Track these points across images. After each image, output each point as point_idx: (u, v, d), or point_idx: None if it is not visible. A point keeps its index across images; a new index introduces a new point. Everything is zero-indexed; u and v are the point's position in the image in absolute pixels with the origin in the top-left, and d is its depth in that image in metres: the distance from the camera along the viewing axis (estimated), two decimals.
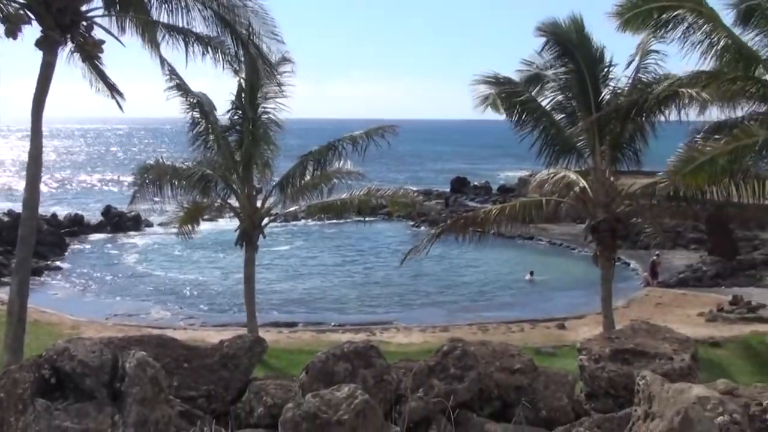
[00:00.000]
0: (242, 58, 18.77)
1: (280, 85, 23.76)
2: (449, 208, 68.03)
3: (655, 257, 40.01)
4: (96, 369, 4.59)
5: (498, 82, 22.98)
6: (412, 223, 61.63)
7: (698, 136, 21.72)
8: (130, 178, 32.62)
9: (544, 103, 23.24)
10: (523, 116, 22.84)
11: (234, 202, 25.40)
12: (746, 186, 20.26)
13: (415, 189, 79.33)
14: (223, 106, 24.60)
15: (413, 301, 38.69)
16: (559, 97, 23.17)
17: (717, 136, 20.22)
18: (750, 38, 22.08)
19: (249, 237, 24.71)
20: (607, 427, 4.98)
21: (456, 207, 66.43)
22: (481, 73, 23.16)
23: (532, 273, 42.09)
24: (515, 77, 23.51)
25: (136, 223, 60.50)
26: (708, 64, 21.84)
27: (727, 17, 22.29)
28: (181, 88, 23.62)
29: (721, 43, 21.29)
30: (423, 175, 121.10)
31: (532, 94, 23.23)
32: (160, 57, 18.96)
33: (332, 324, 31.70)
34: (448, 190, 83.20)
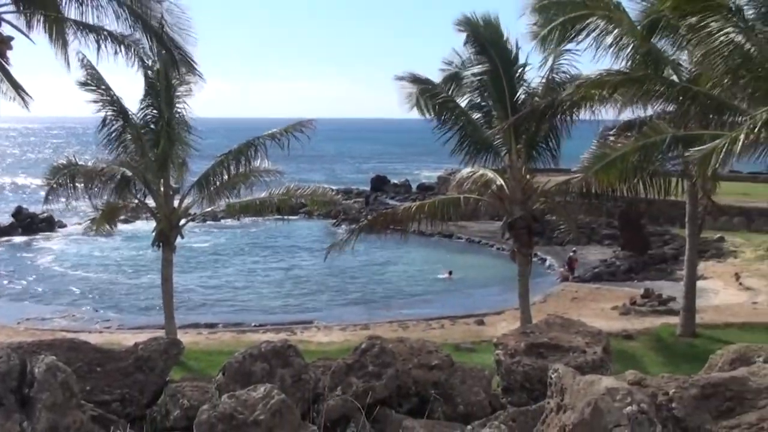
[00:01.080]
0: (156, 56, 18.46)
1: (190, 83, 23.51)
2: (370, 206, 68.17)
3: (572, 253, 40.89)
4: (3, 375, 4.46)
5: (417, 81, 23.16)
6: (332, 221, 61.64)
7: (610, 134, 22.30)
8: (38, 181, 31.76)
9: (462, 103, 23.52)
10: (442, 115, 23.07)
11: (151, 202, 24.95)
12: (655, 183, 20.89)
13: (335, 187, 79.50)
14: (135, 105, 24.14)
15: (334, 299, 38.70)
16: (476, 97, 23.48)
17: (628, 134, 20.84)
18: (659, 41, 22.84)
19: (166, 237, 24.32)
20: (522, 420, 5.07)
21: (376, 205, 66.58)
22: (402, 73, 23.39)
23: (450, 273, 42.41)
24: (436, 77, 23.78)
25: (50, 225, 58.87)
26: (620, 65, 22.52)
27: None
28: (96, 85, 23.10)
29: (631, 46, 21.97)
30: (344, 173, 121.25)
31: (451, 93, 23.48)
32: (66, 56, 18.50)
33: (253, 324, 31.43)
34: (368, 188, 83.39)
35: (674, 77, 22.85)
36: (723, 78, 19.39)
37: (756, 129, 15.84)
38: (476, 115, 23.63)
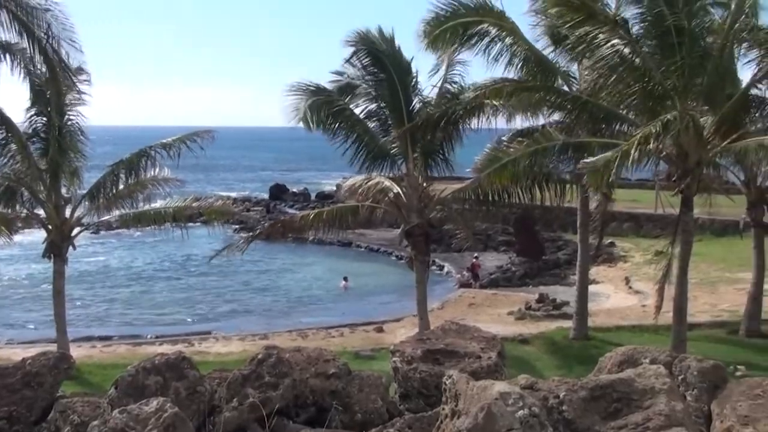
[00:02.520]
0: (40, 64, 17.86)
1: (80, 92, 22.91)
2: (269, 214, 67.75)
3: (474, 259, 41.47)
4: None
5: (313, 90, 23.09)
6: (232, 229, 60.85)
7: (503, 138, 22.82)
8: None
9: (357, 112, 23.62)
10: (338, 124, 23.10)
11: (41, 212, 24.12)
12: (549, 189, 21.47)
13: (234, 196, 78.73)
14: (20, 115, 23.31)
15: (233, 309, 38.17)
16: (372, 106, 23.62)
17: (521, 139, 21.39)
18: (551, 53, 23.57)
19: (57, 249, 23.54)
20: (418, 426, 5.11)
21: (276, 214, 66.25)
22: (296, 82, 23.09)
23: (346, 279, 42.42)
24: (330, 86, 23.76)
25: None
26: (512, 74, 23.14)
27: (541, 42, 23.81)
28: None
29: (522, 55, 22.60)
30: (242, 182, 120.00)
31: (346, 102, 23.53)
32: None
33: (149, 336, 30.72)
34: (267, 197, 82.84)
35: (565, 87, 23.58)
36: (611, 88, 20.11)
37: (645, 142, 16.49)
38: (373, 124, 23.77)
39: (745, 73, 21.03)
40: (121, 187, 24.33)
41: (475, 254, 42.45)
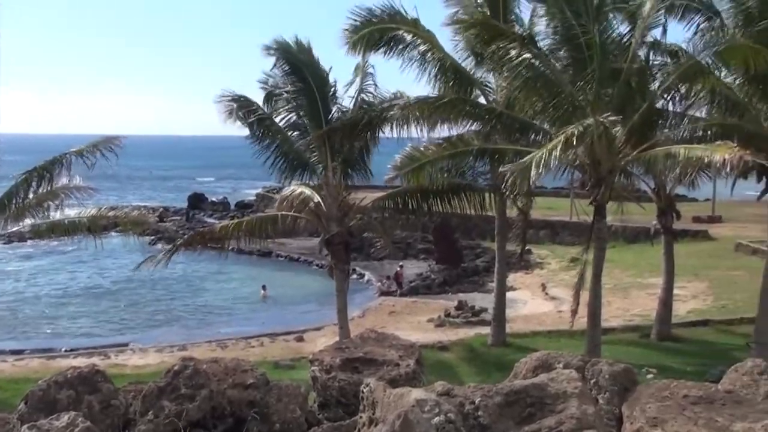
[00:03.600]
0: None
1: None
2: (187, 224, 66.89)
3: (399, 268, 41.62)
4: None
5: (236, 99, 23.05)
6: (149, 239, 59.78)
7: (423, 140, 23.10)
8: None
9: (278, 121, 23.62)
10: (260, 133, 23.10)
11: None
12: (467, 198, 21.80)
13: (151, 206, 77.41)
14: None
15: (151, 320, 37.47)
16: (292, 115, 23.66)
17: (439, 141, 21.72)
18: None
19: None
20: None
21: (194, 223, 65.49)
22: (222, 91, 23.34)
23: (264, 288, 42.10)
24: (254, 95, 23.85)
25: None
26: (429, 82, 23.51)
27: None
28: None
29: (439, 64, 23.01)
30: (160, 191, 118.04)
31: (268, 111, 23.55)
32: None
33: (63, 349, 29.90)
34: (185, 206, 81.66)
35: (482, 98, 24.02)
36: (524, 101, 20.61)
37: (566, 143, 16.90)
38: (293, 133, 23.78)
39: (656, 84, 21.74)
40: (31, 196, 23.63)
41: (400, 263, 42.69)
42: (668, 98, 21.75)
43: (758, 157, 18.12)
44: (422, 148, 20.78)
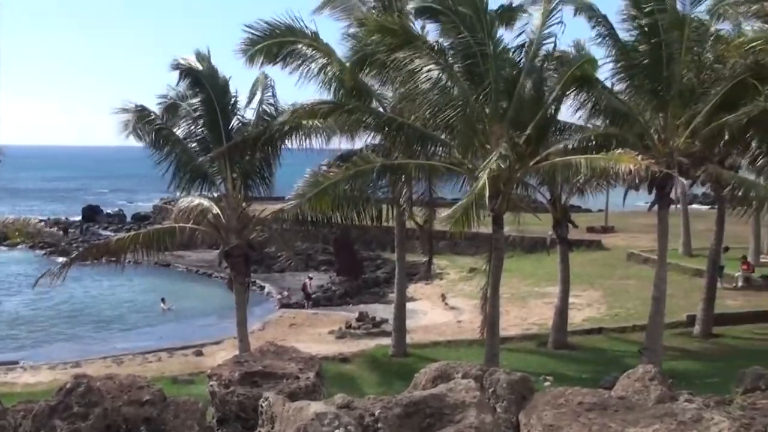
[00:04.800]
0: None
1: None
2: (82, 237, 65.16)
3: (307, 280, 41.34)
4: None
5: (135, 110, 22.60)
6: (41, 252, 57.90)
7: (323, 163, 23.08)
8: None
9: (178, 132, 23.27)
10: (159, 144, 22.71)
11: None
12: (368, 211, 21.89)
13: (43, 218, 75.04)
14: None
15: (43, 336, 36.03)
16: (193, 126, 23.34)
17: (340, 163, 21.73)
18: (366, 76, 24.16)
19: None
20: None
21: (89, 236, 63.91)
22: (121, 102, 22.91)
23: (163, 300, 41.25)
24: (154, 105, 23.42)
25: None
26: (328, 95, 23.57)
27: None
28: None
29: (337, 77, 23.10)
30: (53, 203, 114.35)
31: (168, 123, 23.17)
32: None
33: None
34: (80, 219, 79.47)
35: (380, 109, 24.20)
36: (425, 111, 20.86)
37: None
38: (193, 145, 23.44)
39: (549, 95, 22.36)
40: None
41: (309, 275, 42.54)
42: (558, 108, 22.45)
43: (660, 165, 18.80)
44: (323, 172, 20.79)
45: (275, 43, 22.14)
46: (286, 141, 22.57)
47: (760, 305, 30.72)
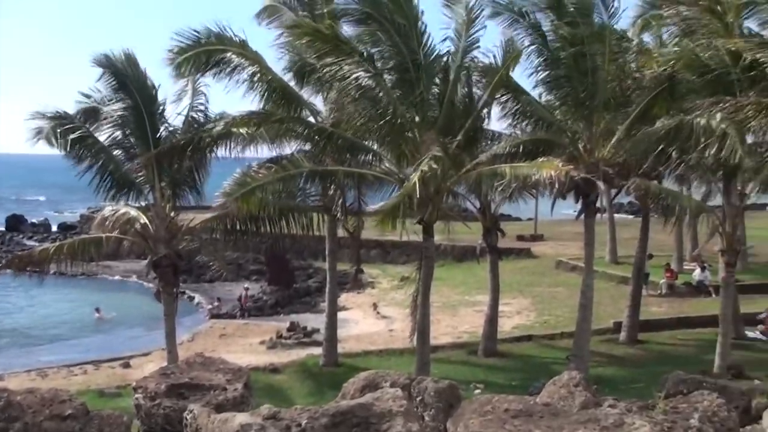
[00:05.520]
0: None
1: None
2: (4, 247, 63.59)
3: (243, 290, 40.88)
4: None
5: (54, 116, 22.01)
6: None
7: (253, 164, 22.92)
8: None
9: (102, 139, 22.77)
10: (81, 152, 22.18)
11: None
12: (296, 219, 21.83)
13: None
14: None
15: None
16: (118, 133, 22.85)
17: (269, 165, 21.65)
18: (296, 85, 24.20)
19: None
20: None
21: (13, 246, 62.46)
22: (37, 107, 22.38)
23: (98, 310, 40.38)
24: (75, 108, 22.81)
25: None
26: (258, 103, 23.47)
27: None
28: None
29: (267, 86, 23.03)
30: None
31: (90, 129, 22.62)
32: None
33: None
34: (2, 229, 77.40)
35: (311, 119, 24.19)
36: (355, 119, 20.93)
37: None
38: (118, 152, 22.98)
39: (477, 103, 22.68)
40: None
41: (245, 285, 42.13)
42: (488, 115, 22.81)
43: (582, 172, 19.19)
44: (252, 172, 20.63)
45: (204, 52, 21.92)
46: (216, 149, 22.36)
47: (683, 311, 31.49)
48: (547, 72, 22.61)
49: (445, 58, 21.90)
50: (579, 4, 21.70)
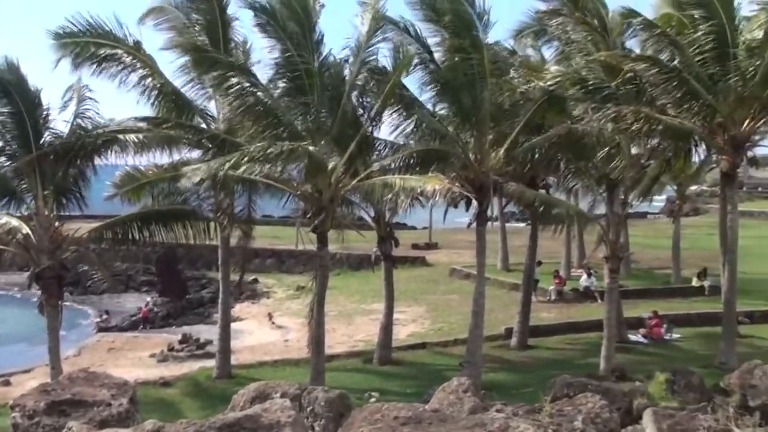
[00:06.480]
0: None
1: None
2: None
3: (144, 306, 39.78)
4: None
5: None
6: None
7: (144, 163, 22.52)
8: None
9: None
10: None
11: None
12: (191, 226, 21.48)
13: None
14: None
15: None
16: None
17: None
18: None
19: None
20: None
21: None
22: None
23: None
24: None
25: None
26: (151, 107, 23.02)
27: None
28: None
29: (158, 88, 22.63)
30: None
31: None
32: None
33: None
34: None
35: (203, 125, 23.87)
36: (246, 129, 20.86)
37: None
38: (1, 159, 22.13)
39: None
40: None
41: (147, 299, 41.05)
42: (378, 126, 23.05)
43: (463, 189, 19.60)
44: (143, 168, 20.32)
45: (94, 43, 21.35)
46: (103, 155, 21.76)
47: (571, 317, 32.31)
48: (433, 85, 23.05)
49: (343, 68, 22.02)
50: (458, 18, 22.14)
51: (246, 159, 17.56)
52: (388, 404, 4.80)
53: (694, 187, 52.00)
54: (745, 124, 23.15)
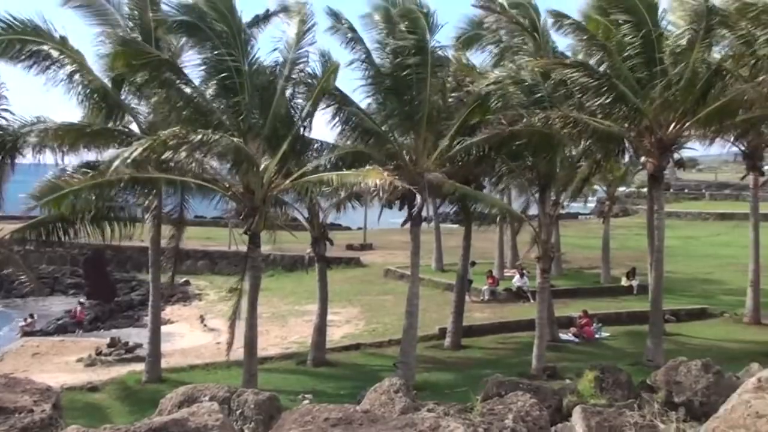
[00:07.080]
0: None
1: None
2: None
3: (79, 306, 38.81)
4: None
5: None
6: None
7: (68, 168, 21.93)
8: None
9: None
10: None
11: None
12: (118, 227, 21.01)
13: None
14: None
15: None
16: None
17: (86, 171, 20.72)
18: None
19: None
20: None
21: None
22: None
23: None
24: None
25: None
26: (80, 106, 22.53)
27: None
28: None
29: (87, 87, 22.15)
30: None
31: None
32: None
33: None
34: None
35: (134, 125, 23.46)
36: (178, 128, 20.49)
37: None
38: None
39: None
40: None
41: (80, 299, 40.04)
42: (310, 127, 23.02)
43: (405, 183, 19.65)
44: (66, 177, 19.62)
45: (18, 40, 20.76)
46: (23, 154, 21.19)
47: (504, 316, 32.62)
48: (374, 84, 23.10)
49: (273, 69, 21.91)
50: (407, 20, 22.28)
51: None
52: (318, 406, 4.74)
53: (622, 189, 53.18)
54: (671, 128, 23.74)
